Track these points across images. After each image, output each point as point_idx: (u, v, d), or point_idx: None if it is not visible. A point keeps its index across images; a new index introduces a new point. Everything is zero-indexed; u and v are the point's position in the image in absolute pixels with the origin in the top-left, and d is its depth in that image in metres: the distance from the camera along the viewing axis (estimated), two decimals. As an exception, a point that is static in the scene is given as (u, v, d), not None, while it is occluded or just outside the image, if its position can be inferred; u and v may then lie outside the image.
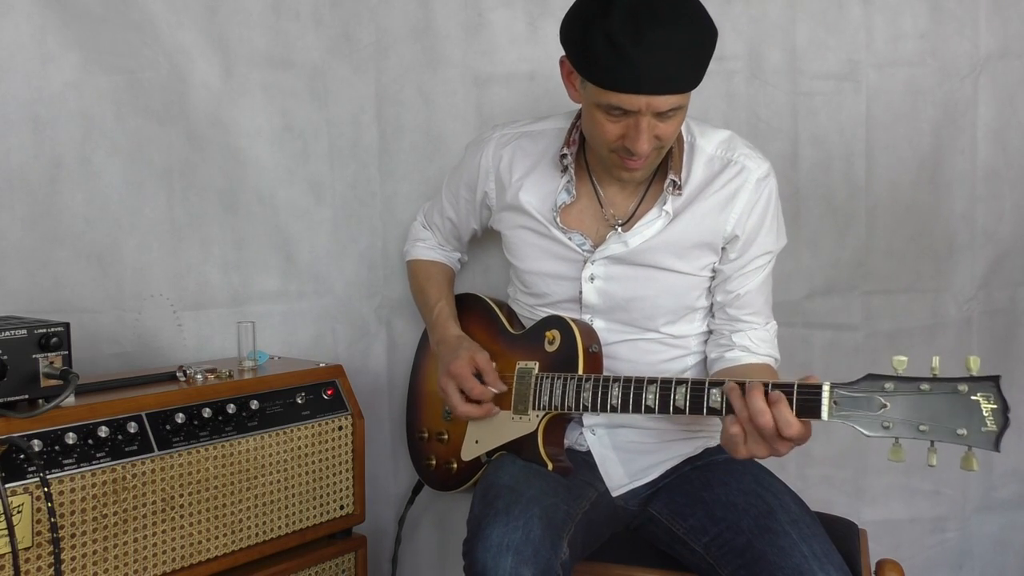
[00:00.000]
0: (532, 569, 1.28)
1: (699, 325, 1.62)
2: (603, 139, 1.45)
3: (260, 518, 1.63)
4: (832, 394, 1.22)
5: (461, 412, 1.62)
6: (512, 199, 1.65)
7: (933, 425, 1.15)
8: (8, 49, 1.72)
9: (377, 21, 1.99)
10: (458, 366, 1.61)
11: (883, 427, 1.18)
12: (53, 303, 1.77)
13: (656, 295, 1.57)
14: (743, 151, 1.56)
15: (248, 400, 1.62)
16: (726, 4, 1.97)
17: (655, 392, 1.40)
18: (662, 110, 1.37)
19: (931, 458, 1.17)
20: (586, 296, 1.60)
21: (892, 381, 1.18)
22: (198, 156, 1.90)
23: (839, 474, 2.09)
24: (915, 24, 1.97)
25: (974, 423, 1.13)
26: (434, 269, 1.90)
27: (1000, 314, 2.05)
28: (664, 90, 1.35)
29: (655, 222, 1.54)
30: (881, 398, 1.18)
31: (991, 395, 1.12)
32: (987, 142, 2.00)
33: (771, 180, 1.56)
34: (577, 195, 1.60)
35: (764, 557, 1.34)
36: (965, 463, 1.15)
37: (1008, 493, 2.11)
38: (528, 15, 1.99)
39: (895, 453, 1.19)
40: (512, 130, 1.71)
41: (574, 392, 1.50)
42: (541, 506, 1.38)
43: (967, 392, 1.13)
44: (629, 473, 1.62)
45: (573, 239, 1.60)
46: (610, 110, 1.39)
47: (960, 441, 1.14)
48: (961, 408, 1.14)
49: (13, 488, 1.32)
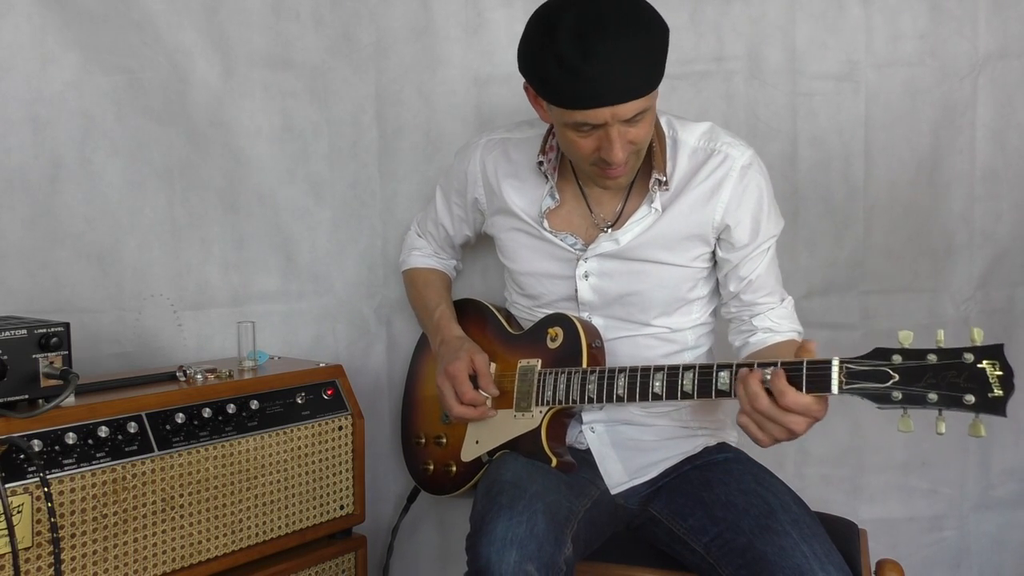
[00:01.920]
0: (536, 563, 1.29)
1: (695, 318, 1.63)
2: (580, 155, 1.47)
3: (260, 518, 1.64)
4: (842, 368, 1.23)
5: (456, 413, 1.62)
6: (501, 204, 1.68)
7: (941, 394, 1.16)
8: (8, 49, 1.72)
9: (377, 21, 1.99)
10: (455, 367, 1.62)
11: (892, 399, 1.19)
12: (53, 303, 1.77)
13: (650, 288, 1.58)
14: (725, 140, 1.56)
15: (248, 400, 1.63)
16: (726, 4, 1.98)
17: (662, 379, 1.41)
18: (628, 117, 1.38)
19: (939, 426, 1.17)
20: (581, 293, 1.61)
21: (899, 353, 1.20)
22: (198, 156, 1.90)
23: (837, 473, 2.10)
24: (915, 24, 1.97)
25: (981, 390, 1.14)
26: (432, 276, 1.91)
27: (998, 314, 2.06)
28: (624, 98, 1.36)
29: (644, 219, 1.55)
30: (889, 370, 1.20)
31: (997, 362, 1.14)
32: (986, 142, 2.00)
33: (755, 166, 1.56)
34: (562, 199, 1.62)
35: (765, 557, 1.34)
36: (973, 430, 1.16)
37: (1006, 492, 2.12)
38: (528, 15, 1.96)
39: (904, 423, 1.20)
40: (497, 135, 1.73)
41: (579, 385, 1.51)
42: (545, 501, 1.38)
43: (973, 360, 1.15)
44: (628, 471, 1.62)
45: (564, 240, 1.61)
46: (579, 127, 1.41)
47: (968, 408, 1.15)
48: (968, 376, 1.15)
49: (13, 488, 1.32)
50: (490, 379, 1.62)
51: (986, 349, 1.15)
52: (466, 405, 1.61)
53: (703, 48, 1.98)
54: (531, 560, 1.29)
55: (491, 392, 1.62)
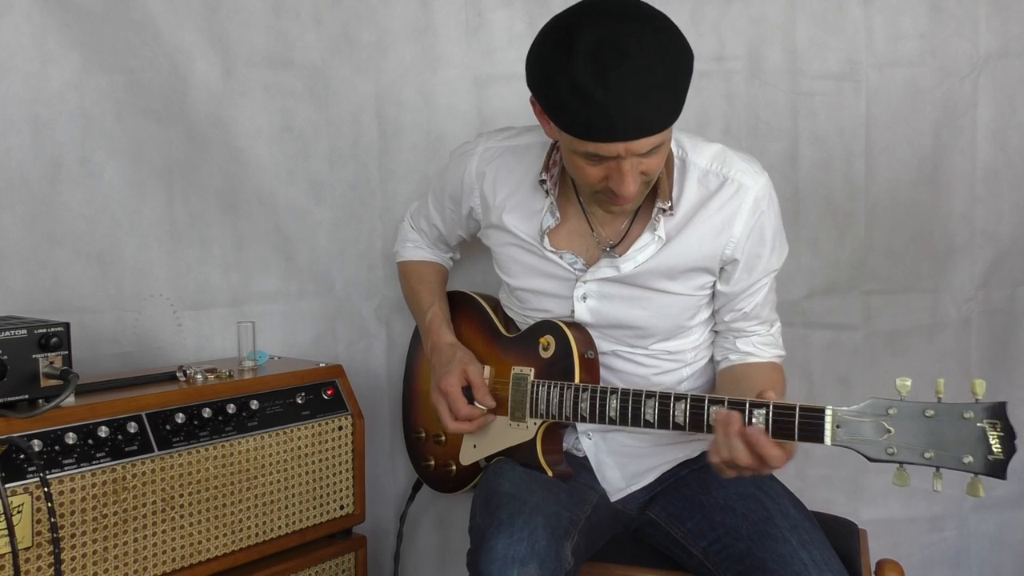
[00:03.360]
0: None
1: (694, 340, 1.59)
2: (586, 183, 1.38)
3: (260, 518, 1.64)
4: (835, 418, 1.19)
5: (452, 430, 1.59)
6: (497, 220, 1.60)
7: (939, 452, 1.13)
8: (8, 49, 1.72)
9: (377, 21, 1.99)
10: (447, 383, 1.58)
11: (887, 453, 1.16)
12: (53, 303, 1.77)
13: (650, 315, 1.53)
14: (739, 166, 1.47)
15: (248, 400, 1.63)
16: (726, 4, 1.97)
17: (654, 407, 1.38)
18: (643, 151, 1.29)
19: (936, 484, 1.15)
20: (578, 315, 1.55)
21: (896, 405, 1.16)
22: (198, 156, 1.90)
23: (838, 473, 2.09)
24: (915, 24, 1.97)
25: (980, 450, 1.10)
26: (426, 270, 1.85)
27: (999, 314, 2.06)
28: (641, 134, 1.26)
29: (648, 247, 1.48)
30: (885, 423, 1.16)
31: (998, 422, 1.10)
32: (986, 142, 2.00)
33: (769, 196, 1.48)
34: (563, 216, 1.54)
35: (764, 564, 1.33)
36: (971, 489, 1.13)
37: (1006, 492, 2.11)
38: (528, 15, 1.99)
39: (900, 478, 1.17)
40: (496, 143, 1.64)
41: (571, 402, 1.48)
42: (544, 515, 1.37)
43: (973, 418, 1.11)
44: (626, 477, 1.61)
45: (564, 258, 1.54)
46: (588, 156, 1.31)
47: (967, 468, 1.12)
48: (967, 435, 1.11)
49: (13, 488, 1.32)
50: (486, 390, 1.59)
51: (988, 408, 1.11)
52: (461, 420, 1.58)
53: (703, 48, 1.98)
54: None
55: (487, 404, 1.58)
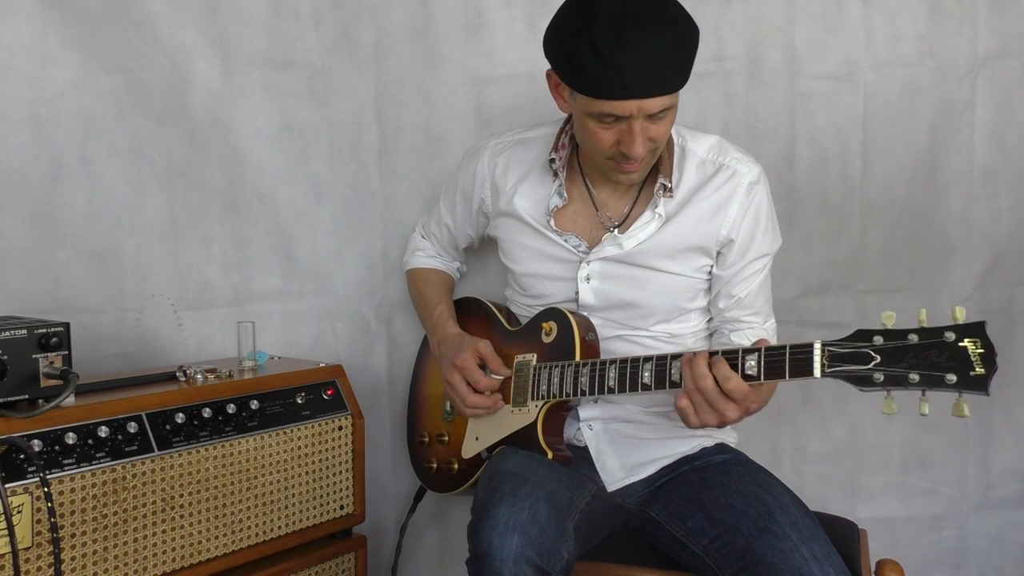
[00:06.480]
0: (537, 550, 1.29)
1: (693, 325, 1.64)
2: (598, 147, 1.47)
3: (260, 518, 1.64)
4: (824, 351, 1.23)
5: (471, 403, 1.62)
6: (507, 205, 1.69)
7: (923, 374, 1.15)
8: (8, 49, 1.72)
9: (377, 21, 1.99)
10: (462, 358, 1.63)
11: (874, 381, 1.18)
12: (53, 303, 1.77)
13: (650, 295, 1.60)
14: (734, 155, 1.58)
15: (248, 400, 1.63)
16: (725, 4, 1.98)
17: (651, 369, 1.42)
18: (653, 112, 1.40)
19: (923, 407, 1.16)
20: (582, 296, 1.62)
21: (880, 335, 1.19)
22: (198, 156, 1.90)
23: (835, 472, 2.09)
24: (914, 25, 1.97)
25: (963, 368, 1.12)
26: (434, 276, 1.92)
27: (997, 314, 2.05)
28: (654, 92, 1.38)
29: (648, 225, 1.57)
30: (871, 352, 1.19)
31: (978, 339, 1.12)
32: (984, 142, 2.00)
33: (762, 183, 1.58)
34: (570, 198, 1.63)
35: (764, 560, 1.34)
36: (956, 409, 1.14)
37: (1006, 492, 2.12)
38: (528, 15, 1.99)
39: (887, 406, 1.19)
40: (507, 138, 1.74)
41: (572, 378, 1.52)
42: (547, 490, 1.39)
43: (955, 339, 1.13)
44: (625, 467, 1.62)
45: (568, 241, 1.62)
46: (602, 118, 1.42)
47: (950, 388, 1.13)
48: (949, 355, 1.13)
49: (13, 488, 1.32)
50: (499, 362, 1.63)
51: (967, 327, 1.13)
52: (479, 394, 1.62)
53: (702, 48, 1.92)
54: (533, 546, 1.29)
55: (503, 373, 1.62)
